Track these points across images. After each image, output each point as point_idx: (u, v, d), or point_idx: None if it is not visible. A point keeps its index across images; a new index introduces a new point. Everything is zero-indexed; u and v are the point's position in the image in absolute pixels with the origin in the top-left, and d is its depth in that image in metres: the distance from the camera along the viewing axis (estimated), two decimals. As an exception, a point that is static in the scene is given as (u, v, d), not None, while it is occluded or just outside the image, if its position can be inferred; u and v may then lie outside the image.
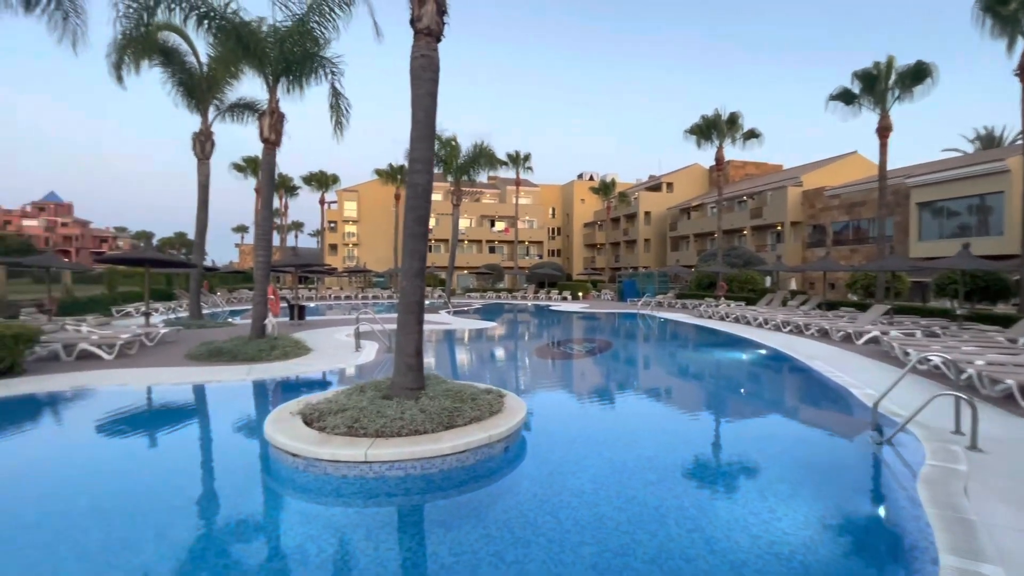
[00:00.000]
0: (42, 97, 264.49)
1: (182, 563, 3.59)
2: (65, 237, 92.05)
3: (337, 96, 13.72)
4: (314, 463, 4.72)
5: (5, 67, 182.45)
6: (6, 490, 4.96)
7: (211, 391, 8.71)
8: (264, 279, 12.17)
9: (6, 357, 8.72)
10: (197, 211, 18.64)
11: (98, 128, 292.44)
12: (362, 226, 63.68)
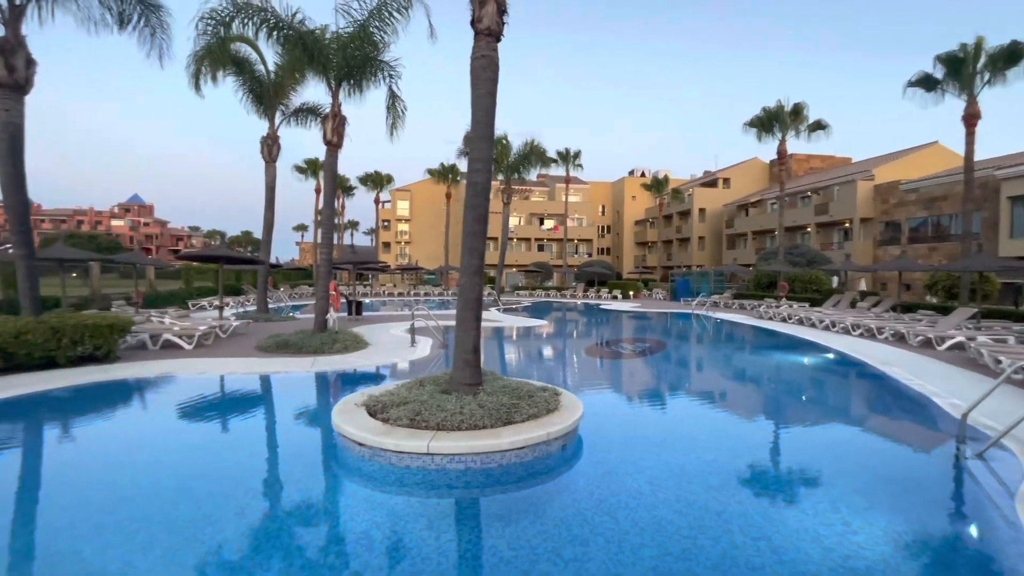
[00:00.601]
0: (126, 106, 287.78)
1: (259, 540, 3.84)
2: (147, 236, 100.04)
3: (394, 98, 14.14)
4: (379, 452, 4.91)
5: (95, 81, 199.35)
6: (106, 465, 5.48)
7: (280, 381, 9.23)
8: (327, 276, 12.76)
9: (103, 345, 9.61)
10: (264, 211, 19.75)
11: (175, 134, 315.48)
12: (414, 224, 65.27)
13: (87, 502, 4.45)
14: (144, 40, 11.78)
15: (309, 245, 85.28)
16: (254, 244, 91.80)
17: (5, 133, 9.84)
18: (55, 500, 4.66)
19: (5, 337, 8.47)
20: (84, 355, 9.38)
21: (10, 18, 9.94)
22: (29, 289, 10.11)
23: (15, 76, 9.82)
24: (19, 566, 3.56)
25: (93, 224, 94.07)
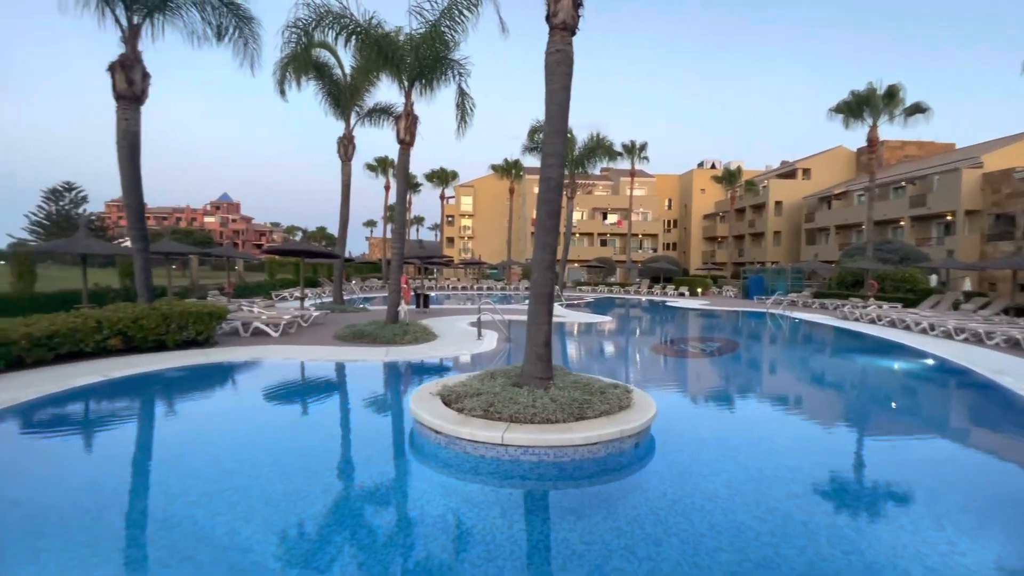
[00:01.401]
0: (216, 110, 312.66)
1: (343, 516, 4.11)
2: (234, 231, 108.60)
3: (463, 96, 14.41)
4: (455, 441, 5.09)
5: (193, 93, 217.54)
6: (210, 439, 6.07)
7: (358, 368, 9.77)
8: (399, 269, 13.30)
9: (204, 331, 10.59)
10: (340, 208, 20.85)
11: (259, 136, 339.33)
12: (477, 220, 66.36)
13: (196, 472, 4.94)
14: (238, 50, 12.78)
15: (378, 240, 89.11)
16: (328, 239, 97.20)
17: (125, 140, 11.05)
18: (172, 468, 5.22)
19: (126, 322, 9.56)
20: (188, 339, 10.38)
21: (129, 36, 11.12)
22: (144, 279, 11.34)
23: (133, 88, 10.98)
24: (147, 523, 4.04)
25: (189, 221, 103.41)
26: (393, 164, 45.31)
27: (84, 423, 6.72)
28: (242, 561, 3.35)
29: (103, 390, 7.65)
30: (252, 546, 3.55)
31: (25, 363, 8.28)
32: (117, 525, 4.01)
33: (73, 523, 3.88)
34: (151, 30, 11.54)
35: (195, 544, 3.54)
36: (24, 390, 7.01)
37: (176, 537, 3.65)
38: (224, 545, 3.53)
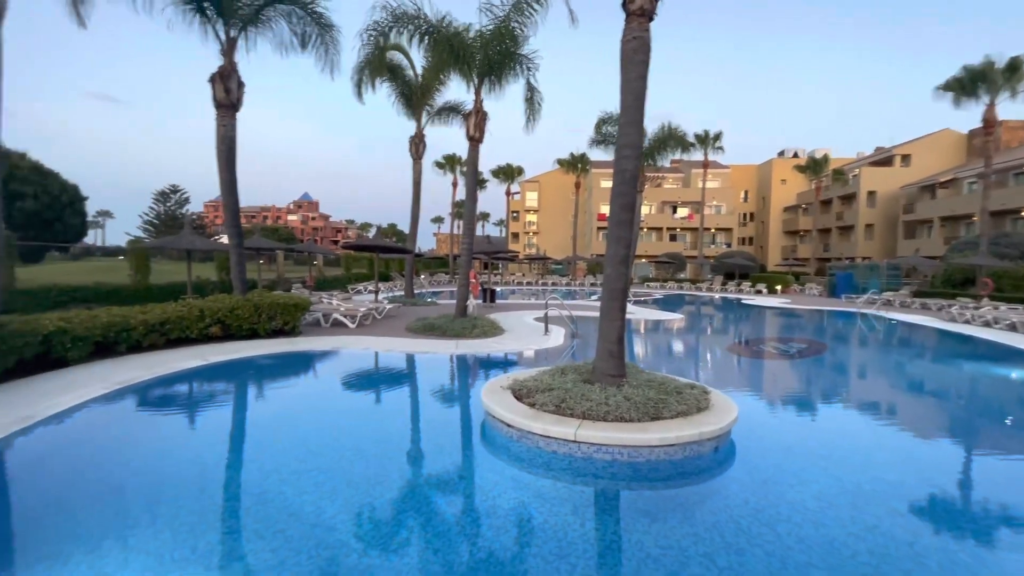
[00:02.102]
0: (294, 114, 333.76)
1: (419, 502, 4.23)
2: (314, 228, 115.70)
3: (532, 91, 14.39)
4: (527, 435, 5.10)
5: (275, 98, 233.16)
6: (297, 421, 6.48)
7: (430, 360, 10.07)
8: (468, 264, 13.55)
9: (290, 321, 11.35)
10: (412, 205, 21.56)
11: (334, 136, 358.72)
12: (542, 215, 66.30)
13: (286, 451, 5.30)
14: (320, 57, 13.53)
15: (445, 236, 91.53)
16: (398, 235, 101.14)
17: (223, 145, 12.05)
18: (265, 446, 5.63)
19: (224, 312, 10.44)
20: (276, 329, 11.17)
21: (227, 49, 12.08)
22: (239, 273, 12.35)
23: (230, 97, 11.93)
24: (244, 497, 4.38)
25: (274, 219, 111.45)
26: (461, 161, 46.28)
27: (189, 402, 7.42)
28: (328, 539, 3.54)
29: (205, 373, 8.41)
30: (336, 525, 3.74)
31: (142, 346, 9.28)
32: (219, 496, 4.38)
33: (183, 492, 4.29)
34: (245, 42, 12.48)
35: (286, 519, 3.79)
36: (142, 371, 7.85)
37: (270, 511, 3.92)
38: (311, 522, 3.75)
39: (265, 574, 3.14)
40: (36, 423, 5.51)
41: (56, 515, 3.90)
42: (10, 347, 6.98)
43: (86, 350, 8.24)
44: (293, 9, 12.69)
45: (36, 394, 6.45)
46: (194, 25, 11.88)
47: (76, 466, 4.89)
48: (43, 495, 4.33)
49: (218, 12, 11.76)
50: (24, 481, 4.70)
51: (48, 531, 3.68)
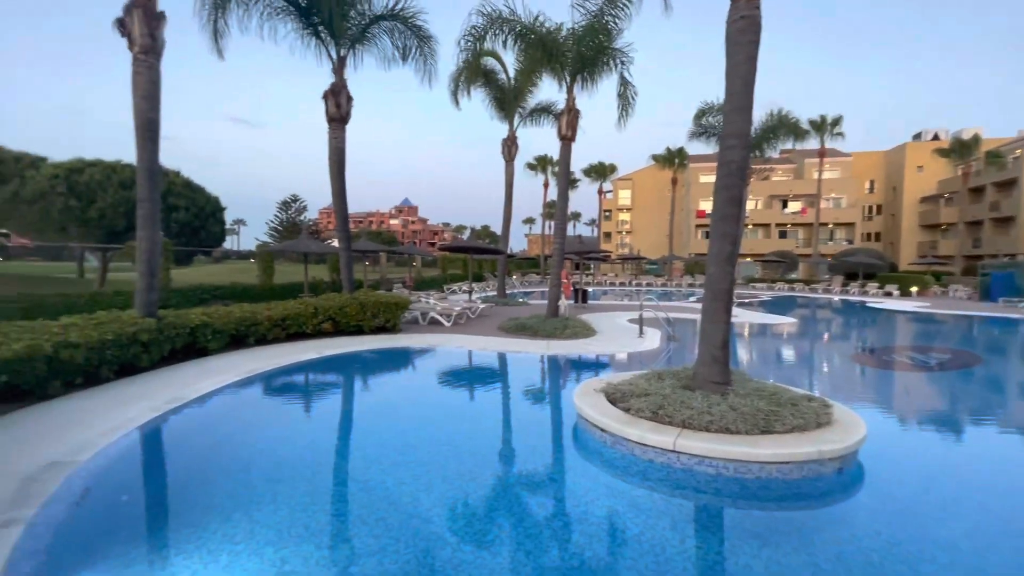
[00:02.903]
0: (394, 123, 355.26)
1: (510, 502, 4.21)
2: (413, 231, 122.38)
3: (625, 85, 13.94)
4: (622, 441, 4.89)
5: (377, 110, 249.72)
6: (397, 414, 6.81)
7: (522, 360, 10.13)
8: (559, 264, 13.47)
9: (391, 318, 12.05)
10: (504, 206, 21.94)
11: (430, 142, 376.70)
12: (635, 213, 64.32)
13: (387, 443, 5.57)
14: (419, 68, 14.21)
15: (536, 236, 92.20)
16: (491, 237, 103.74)
17: (335, 156, 13.10)
18: (368, 436, 5.99)
19: (334, 309, 11.34)
20: (379, 326, 11.90)
21: (337, 67, 13.12)
22: (348, 274, 13.37)
23: (340, 111, 12.94)
24: (350, 483, 4.67)
25: (378, 223, 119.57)
26: (552, 162, 46.31)
27: (305, 391, 8.13)
28: (424, 530, 3.64)
29: (318, 365, 9.17)
30: (432, 518, 3.84)
31: (267, 339, 10.35)
32: (329, 480, 4.71)
33: (299, 474, 4.66)
34: (353, 59, 13.48)
35: (387, 507, 3.96)
36: (266, 361, 8.74)
37: (373, 499, 4.13)
38: (409, 512, 3.88)
39: (368, 558, 3.29)
40: (184, 404, 6.33)
41: (198, 486, 4.43)
42: (167, 337, 8.13)
43: (223, 341, 9.36)
44: (395, 25, 13.46)
45: (184, 378, 7.43)
46: (310, 48, 13.07)
47: (213, 443, 5.54)
48: (187, 467, 4.95)
49: (331, 34, 12.81)
50: (173, 455, 5.42)
51: (191, 500, 4.19)
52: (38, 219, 19.78)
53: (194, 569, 3.12)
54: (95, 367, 6.86)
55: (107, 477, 4.41)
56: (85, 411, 5.78)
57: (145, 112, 8.30)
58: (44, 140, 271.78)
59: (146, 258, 8.50)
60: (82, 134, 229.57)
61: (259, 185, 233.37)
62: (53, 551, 3.21)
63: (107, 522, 3.84)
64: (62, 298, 11.39)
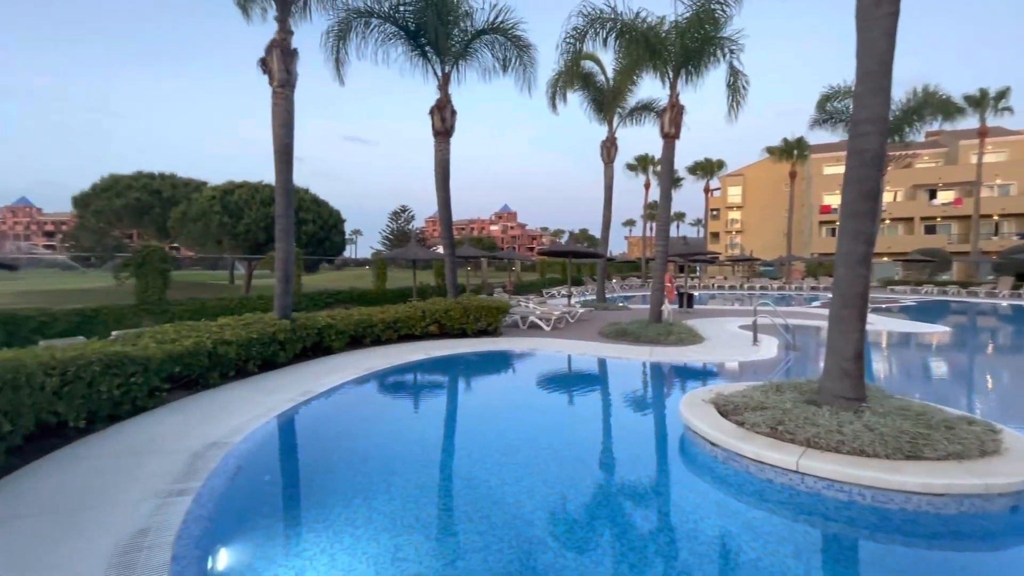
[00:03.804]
0: (493, 132, 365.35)
1: (613, 512, 4.10)
2: (512, 236, 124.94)
3: (735, 75, 13.06)
4: (735, 457, 4.56)
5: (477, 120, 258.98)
6: (498, 416, 6.98)
7: (623, 366, 9.87)
8: (662, 267, 12.93)
9: (492, 322, 12.40)
10: (603, 209, 21.59)
11: (527, 148, 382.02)
12: (746, 211, 59.82)
13: (489, 443, 5.73)
14: (519, 77, 14.52)
15: (637, 239, 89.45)
16: (590, 240, 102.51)
17: (440, 168, 13.84)
18: (472, 435, 6.21)
19: (440, 313, 11.95)
20: (481, 329, 12.30)
21: (442, 83, 13.86)
22: (452, 279, 14.02)
23: (445, 125, 13.65)
24: (456, 479, 4.87)
25: (479, 229, 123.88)
26: (653, 161, 44.70)
27: (415, 389, 8.66)
28: (527, 532, 3.68)
29: (426, 365, 9.70)
30: (534, 520, 3.87)
31: (381, 340, 11.19)
32: (436, 475, 4.96)
33: (410, 467, 4.96)
34: (456, 75, 14.15)
35: (490, 506, 4.07)
36: (381, 360, 9.44)
37: (477, 496, 4.27)
38: (512, 513, 3.95)
39: (474, 554, 3.40)
40: (312, 397, 7.05)
41: (324, 472, 4.91)
42: (299, 337, 9.13)
43: (344, 341, 10.28)
44: (496, 38, 13.89)
45: (313, 373, 8.27)
46: (418, 68, 13.95)
47: (336, 433, 6.10)
48: (315, 454, 5.50)
49: (436, 52, 13.57)
50: (304, 441, 6.06)
51: (318, 484, 4.66)
52: (200, 234, 23.33)
53: (323, 546, 3.45)
54: (244, 362, 7.90)
55: (254, 457, 5.04)
56: (236, 400, 6.68)
57: (282, 138, 9.43)
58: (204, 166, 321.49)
59: (282, 267, 9.63)
60: (233, 158, 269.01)
61: (372, 197, 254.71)
62: (214, 518, 3.74)
63: (254, 497, 4.40)
64: (218, 302, 13.30)
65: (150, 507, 3.72)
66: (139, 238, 32.95)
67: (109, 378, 5.48)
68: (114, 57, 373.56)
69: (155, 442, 5.05)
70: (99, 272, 33.49)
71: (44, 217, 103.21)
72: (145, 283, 11.67)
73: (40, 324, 9.59)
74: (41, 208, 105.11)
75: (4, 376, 4.21)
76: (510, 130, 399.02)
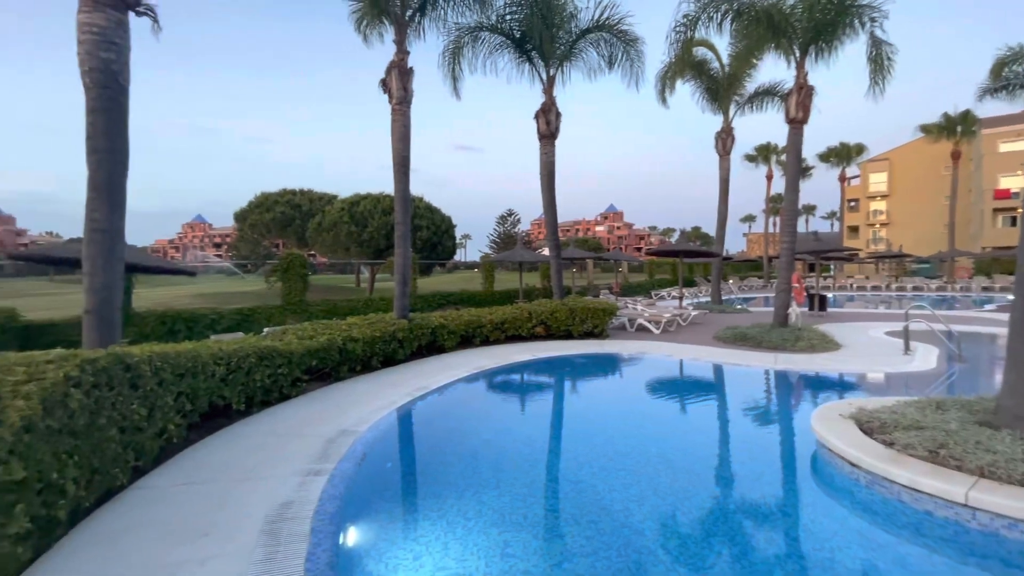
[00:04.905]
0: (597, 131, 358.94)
1: (733, 531, 3.78)
2: (619, 237, 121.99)
3: (878, 46, 11.51)
4: (882, 483, 3.97)
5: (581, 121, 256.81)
6: (604, 419, 6.84)
7: (742, 373, 9.13)
8: (788, 267, 11.73)
9: (599, 324, 12.19)
10: (719, 204, 20.19)
11: (633, 146, 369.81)
12: (893, 201, 52.26)
13: (597, 447, 5.62)
14: (625, 72, 14.14)
15: (756, 236, 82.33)
16: (702, 238, 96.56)
17: (545, 170, 13.96)
18: (579, 438, 6.15)
19: (545, 314, 12.03)
20: (587, 331, 12.16)
21: (547, 87, 13.96)
22: (558, 281, 14.05)
23: (550, 128, 13.73)
24: (563, 481, 4.86)
25: (584, 231, 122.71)
26: (776, 150, 40.82)
27: (522, 389, 8.81)
28: (636, 542, 3.55)
29: (533, 366, 9.83)
30: (644, 531, 3.73)
31: (489, 341, 11.56)
32: (544, 475, 5.00)
33: (518, 465, 5.06)
34: (561, 76, 14.16)
35: (598, 512, 4.00)
36: (489, 360, 9.75)
37: (584, 500, 4.22)
38: (620, 521, 3.84)
39: (580, 558, 3.37)
40: (427, 392, 7.49)
41: (438, 464, 5.19)
42: (415, 336, 9.77)
43: (455, 341, 10.79)
44: (601, 35, 13.66)
45: (428, 371, 8.79)
46: (523, 74, 14.20)
47: (448, 428, 6.42)
48: (430, 446, 5.84)
49: (541, 56, 13.71)
50: (420, 433, 6.47)
51: (433, 474, 4.94)
52: (332, 242, 26.01)
53: (437, 534, 3.65)
54: (368, 357, 8.64)
55: (378, 445, 5.49)
56: (362, 392, 7.32)
57: (400, 151, 10.18)
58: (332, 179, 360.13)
59: (401, 270, 10.38)
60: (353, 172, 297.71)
61: (479, 202, 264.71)
62: (345, 497, 4.13)
63: (377, 482, 4.79)
64: (347, 302, 14.73)
65: (294, 483, 4.22)
66: (283, 247, 37.71)
67: (262, 368, 6.33)
68: (262, 94, 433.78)
69: (296, 426, 5.72)
70: (254, 276, 38.96)
71: (213, 231, 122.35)
72: (289, 286, 13.29)
73: (211, 321, 11.39)
74: (211, 223, 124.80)
75: (186, 365, 5.05)
76: (615, 129, 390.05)
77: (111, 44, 5.96)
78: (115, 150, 6.07)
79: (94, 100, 5.93)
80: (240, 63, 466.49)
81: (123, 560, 3.14)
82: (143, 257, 10.67)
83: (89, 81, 5.92)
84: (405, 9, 10.27)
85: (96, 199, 5.96)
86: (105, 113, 5.97)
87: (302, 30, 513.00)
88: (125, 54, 6.16)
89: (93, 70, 5.89)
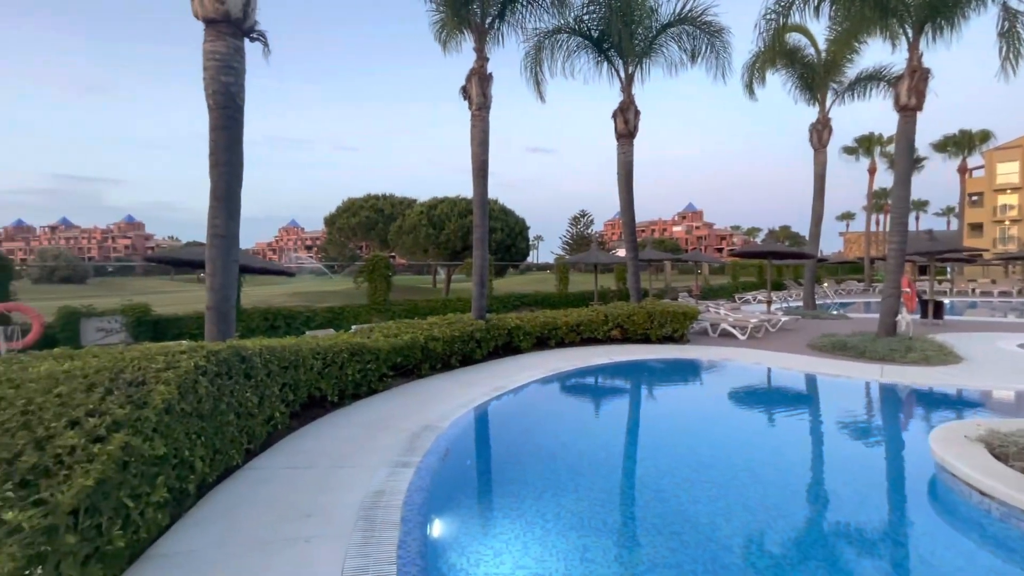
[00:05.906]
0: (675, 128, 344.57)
1: (834, 554, 3.49)
2: (698, 237, 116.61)
3: (1012, 18, 10.14)
4: (1018, 516, 3.50)
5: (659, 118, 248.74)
6: (686, 428, 6.58)
7: (841, 385, 8.40)
8: (897, 269, 10.60)
9: (679, 328, 11.74)
10: (813, 202, 18.72)
11: (714, 143, 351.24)
12: (1029, 194, 45.68)
13: (679, 456, 5.44)
14: (710, 65, 13.52)
15: (855, 235, 75.19)
16: (791, 238, 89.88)
17: (623, 170, 13.68)
18: (659, 446, 5.98)
19: (622, 317, 11.79)
20: (666, 335, 11.75)
21: (625, 85, 13.67)
22: (635, 283, 13.71)
23: (628, 127, 13.44)
24: (643, 490, 4.73)
25: (661, 231, 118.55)
26: (881, 140, 37.06)
27: (599, 392, 8.71)
28: (723, 557, 3.40)
29: (610, 369, 9.66)
30: (732, 547, 3.56)
31: (564, 342, 11.52)
32: (623, 482, 4.91)
33: (597, 470, 5.01)
34: (640, 74, 13.81)
35: (681, 523, 3.87)
36: (565, 362, 9.71)
37: (666, 510, 4.09)
38: (706, 535, 3.68)
39: (664, 570, 3.27)
40: (504, 392, 7.61)
41: (515, 463, 5.27)
42: (492, 336, 9.96)
43: (531, 342, 10.87)
44: (683, 29, 13.16)
45: (505, 371, 8.93)
46: (601, 73, 14.02)
47: (525, 427, 6.48)
48: (508, 444, 5.94)
49: (619, 54, 13.46)
50: (498, 432, 6.59)
51: (511, 474, 5.01)
52: (411, 244, 27.22)
53: (517, 533, 3.70)
54: (448, 356, 8.94)
55: (459, 441, 5.66)
56: (443, 390, 7.60)
57: (479, 156, 10.43)
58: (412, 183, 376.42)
59: (478, 272, 10.63)
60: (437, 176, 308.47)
61: (551, 203, 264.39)
62: (430, 490, 4.31)
63: (460, 477, 4.96)
64: (427, 303, 15.34)
65: (384, 473, 4.47)
66: (368, 249, 40.00)
67: (354, 364, 6.76)
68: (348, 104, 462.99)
69: (384, 420, 6.05)
70: (341, 277, 41.68)
71: (305, 234, 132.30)
72: (374, 286, 14.08)
73: (306, 318, 12.34)
74: (303, 227, 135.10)
75: (289, 358, 5.52)
76: (693, 125, 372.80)
77: (230, 68, 6.66)
78: (233, 163, 6.77)
79: (216, 119, 6.65)
80: (326, 74, 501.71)
81: (241, 531, 3.50)
82: (251, 259, 11.82)
83: (212, 102, 6.65)
84: (485, 16, 10.53)
85: (217, 207, 6.68)
86: (225, 131, 6.67)
87: (384, 41, 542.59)
88: (242, 77, 6.85)
89: (216, 92, 6.60)
